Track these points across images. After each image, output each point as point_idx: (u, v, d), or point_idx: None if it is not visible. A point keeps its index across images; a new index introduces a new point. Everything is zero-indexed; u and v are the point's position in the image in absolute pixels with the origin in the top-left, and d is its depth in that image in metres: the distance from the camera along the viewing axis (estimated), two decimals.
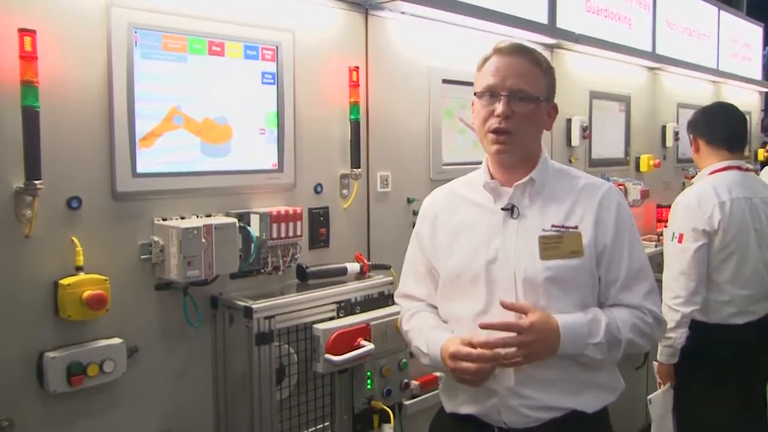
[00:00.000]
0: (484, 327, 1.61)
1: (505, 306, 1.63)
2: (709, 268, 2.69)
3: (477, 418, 1.74)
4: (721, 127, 2.91)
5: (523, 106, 1.69)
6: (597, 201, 1.73)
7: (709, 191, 2.72)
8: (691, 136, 3.01)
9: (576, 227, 1.69)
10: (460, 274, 1.74)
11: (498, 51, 1.74)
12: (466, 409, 1.75)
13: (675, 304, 2.63)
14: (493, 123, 1.69)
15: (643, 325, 1.71)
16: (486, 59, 1.76)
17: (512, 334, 1.59)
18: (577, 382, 1.70)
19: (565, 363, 1.66)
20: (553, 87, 1.79)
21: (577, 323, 1.65)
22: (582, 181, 1.78)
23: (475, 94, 1.76)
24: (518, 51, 1.73)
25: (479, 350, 1.60)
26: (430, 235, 1.84)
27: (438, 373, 2.34)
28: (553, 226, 1.69)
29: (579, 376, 1.69)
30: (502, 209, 1.73)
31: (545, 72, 1.75)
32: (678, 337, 2.64)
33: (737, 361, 2.71)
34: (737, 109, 3.00)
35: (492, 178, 1.78)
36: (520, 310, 1.62)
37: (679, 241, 2.68)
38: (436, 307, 1.88)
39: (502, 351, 1.58)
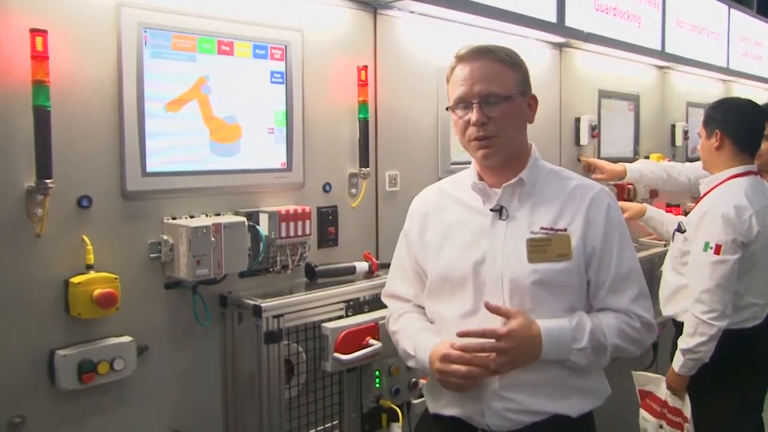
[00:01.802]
0: (461, 335, 1.60)
1: (490, 309, 1.61)
2: None
3: (461, 420, 1.72)
4: (752, 132, 2.76)
5: (497, 109, 1.65)
6: (587, 202, 1.70)
7: (744, 200, 2.60)
8: (717, 132, 2.76)
9: (565, 229, 1.67)
10: (448, 275, 1.72)
11: (460, 59, 1.71)
12: (449, 411, 1.74)
13: (710, 319, 2.53)
14: (472, 132, 1.67)
15: (631, 330, 1.69)
16: (452, 69, 1.73)
17: (491, 340, 1.58)
18: (563, 386, 1.67)
19: (551, 367, 1.64)
20: (526, 79, 1.73)
21: (561, 329, 1.62)
22: (573, 182, 1.75)
23: (447, 108, 1.74)
24: (479, 54, 1.69)
25: (471, 354, 1.59)
26: (419, 235, 1.83)
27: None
28: (542, 228, 1.67)
29: (565, 381, 1.67)
30: (491, 210, 1.71)
31: (512, 67, 1.70)
32: (708, 350, 2.56)
33: (744, 364, 2.68)
34: (763, 110, 2.85)
35: (480, 179, 1.76)
36: (504, 315, 1.61)
37: (716, 253, 2.55)
38: (423, 308, 1.87)
39: (482, 356, 1.58)
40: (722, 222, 2.57)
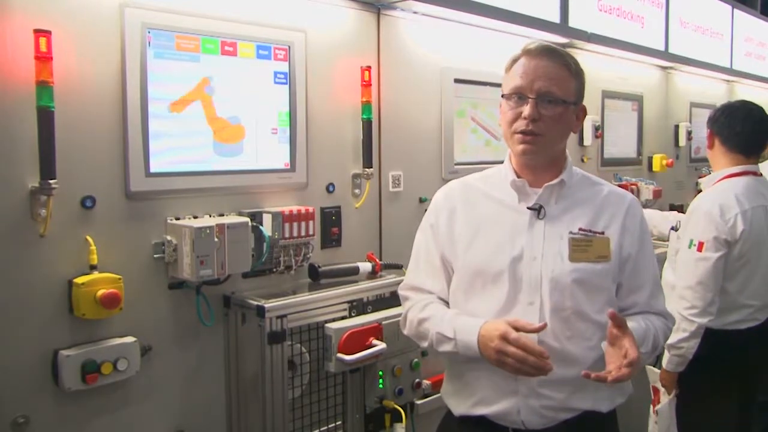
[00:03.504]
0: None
1: (613, 318, 1.54)
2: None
3: (489, 421, 1.71)
4: (740, 131, 2.77)
5: (551, 109, 1.66)
6: (624, 209, 1.75)
7: (731, 199, 2.62)
8: (708, 130, 2.87)
9: (602, 233, 1.70)
10: (482, 270, 1.71)
11: (527, 52, 1.70)
12: (481, 410, 1.72)
13: (690, 315, 2.55)
14: (520, 125, 1.67)
15: (669, 331, 1.80)
16: (514, 60, 1.72)
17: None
18: (598, 383, 1.64)
19: (588, 365, 1.64)
20: (582, 90, 1.75)
21: (638, 333, 1.63)
22: (606, 189, 1.79)
23: (503, 95, 1.74)
24: (547, 53, 1.69)
25: (539, 348, 1.55)
26: (448, 228, 1.80)
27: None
28: (580, 229, 1.69)
29: None
30: (529, 208, 1.72)
31: (574, 75, 1.71)
32: (691, 347, 2.58)
33: (739, 365, 2.67)
34: (763, 111, 2.85)
35: (518, 177, 1.76)
36: (620, 324, 1.55)
37: (699, 250, 2.58)
38: (446, 302, 1.84)
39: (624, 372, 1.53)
40: (705, 220, 2.60)
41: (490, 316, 1.67)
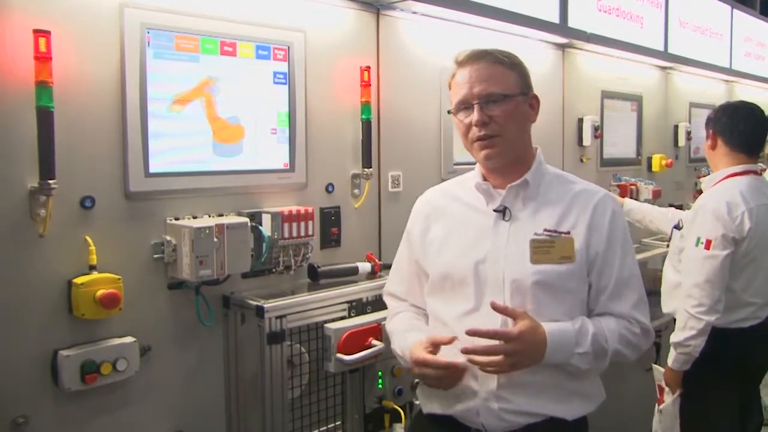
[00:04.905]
0: (470, 333, 1.58)
1: (496, 308, 1.60)
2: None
3: (455, 420, 1.72)
4: (743, 131, 2.79)
5: (497, 108, 1.66)
6: (591, 207, 1.70)
7: (737, 197, 2.63)
8: (710, 131, 2.88)
9: (568, 232, 1.67)
10: (449, 274, 1.73)
11: (459, 64, 1.73)
12: (443, 410, 1.74)
13: (698, 313, 2.55)
14: (474, 133, 1.68)
15: (631, 335, 1.70)
16: (452, 75, 1.75)
17: (498, 342, 1.56)
18: (561, 389, 1.67)
19: (551, 370, 1.64)
20: (525, 79, 1.74)
21: (565, 332, 1.62)
22: (577, 187, 1.76)
23: (449, 113, 1.76)
24: (476, 57, 1.71)
25: (444, 360, 1.61)
26: (421, 235, 1.84)
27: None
28: (545, 230, 1.67)
29: (563, 384, 1.67)
30: (495, 211, 1.72)
31: (511, 67, 1.71)
32: (698, 345, 2.57)
33: (741, 364, 2.68)
34: (763, 112, 2.87)
35: (485, 180, 1.76)
36: (511, 315, 1.59)
37: (707, 248, 2.58)
38: (419, 307, 1.88)
39: (484, 359, 1.56)
40: (713, 218, 2.60)
41: (457, 319, 1.70)
